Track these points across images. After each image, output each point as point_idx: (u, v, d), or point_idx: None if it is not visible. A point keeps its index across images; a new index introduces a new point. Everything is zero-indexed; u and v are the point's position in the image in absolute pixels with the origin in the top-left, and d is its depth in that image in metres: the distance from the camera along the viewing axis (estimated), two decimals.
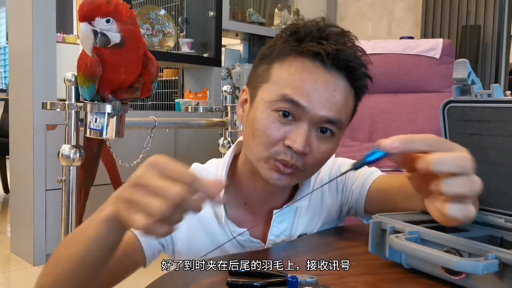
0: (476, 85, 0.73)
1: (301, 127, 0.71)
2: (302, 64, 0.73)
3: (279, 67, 0.74)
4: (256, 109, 0.75)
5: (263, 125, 0.72)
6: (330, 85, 0.73)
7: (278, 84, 0.73)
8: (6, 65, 6.43)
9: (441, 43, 2.49)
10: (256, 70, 0.79)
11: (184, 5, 3.27)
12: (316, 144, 0.73)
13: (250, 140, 0.75)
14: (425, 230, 0.63)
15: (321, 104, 0.71)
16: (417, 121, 2.39)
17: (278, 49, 0.75)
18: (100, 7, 1.04)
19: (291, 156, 0.72)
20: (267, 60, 0.77)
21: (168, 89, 3.42)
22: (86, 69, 1.14)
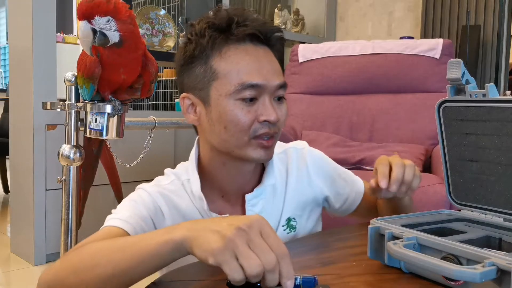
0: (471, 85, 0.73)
1: (265, 101, 0.79)
2: (238, 50, 0.80)
3: (219, 61, 0.79)
4: (218, 105, 0.79)
5: (234, 115, 0.78)
6: (267, 57, 0.82)
7: (229, 76, 0.78)
8: (6, 65, 6.43)
9: (441, 43, 2.49)
10: (191, 74, 0.82)
11: (184, 5, 3.27)
12: (278, 109, 0.81)
13: (224, 135, 0.80)
14: (423, 236, 0.63)
15: (271, 76, 0.80)
16: (417, 121, 2.39)
17: (209, 46, 0.80)
18: (100, 5, 1.04)
19: (269, 127, 0.79)
20: (200, 60, 0.81)
21: (168, 89, 3.42)
22: (86, 70, 1.14)
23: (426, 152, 2.26)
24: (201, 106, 0.82)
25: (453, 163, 0.79)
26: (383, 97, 2.53)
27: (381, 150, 2.26)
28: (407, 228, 0.66)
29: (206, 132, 0.84)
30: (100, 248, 0.65)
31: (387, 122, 2.47)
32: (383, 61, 2.52)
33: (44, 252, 2.35)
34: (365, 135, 2.49)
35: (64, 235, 1.29)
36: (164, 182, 0.87)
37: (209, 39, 0.80)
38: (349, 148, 2.30)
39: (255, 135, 0.79)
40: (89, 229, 2.70)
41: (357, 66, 2.55)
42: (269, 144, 0.81)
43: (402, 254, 0.59)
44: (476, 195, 0.76)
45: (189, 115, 0.85)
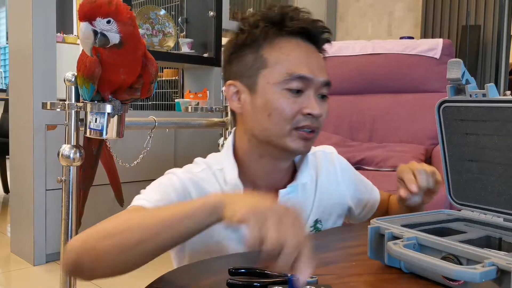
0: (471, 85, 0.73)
1: (310, 96, 0.82)
2: (289, 42, 0.83)
3: (270, 51, 0.82)
4: (264, 93, 0.82)
5: (279, 103, 0.81)
6: (315, 53, 0.86)
7: (279, 65, 0.81)
8: (6, 65, 6.44)
9: (441, 43, 2.49)
10: (241, 61, 0.85)
11: (184, 5, 3.26)
12: (321, 106, 0.83)
13: (266, 123, 0.82)
14: (423, 236, 0.63)
15: (318, 71, 0.83)
16: (417, 121, 2.39)
17: (261, 36, 0.83)
18: (102, 7, 1.04)
19: (311, 120, 0.82)
20: (251, 49, 0.84)
21: (168, 89, 3.42)
22: (85, 70, 1.14)
23: (426, 152, 2.26)
24: (246, 94, 0.85)
25: (453, 163, 0.79)
26: (383, 97, 2.53)
27: (381, 150, 2.26)
28: (407, 228, 0.66)
29: (247, 119, 0.85)
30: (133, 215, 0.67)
31: (387, 122, 2.47)
32: (383, 61, 2.52)
33: (44, 252, 2.35)
34: (365, 135, 2.49)
35: (64, 235, 1.29)
36: (195, 169, 0.87)
37: (262, 29, 0.83)
38: (349, 148, 2.30)
39: (297, 126, 0.81)
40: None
41: (357, 66, 2.54)
42: (309, 136, 0.83)
43: (402, 254, 0.59)
44: (476, 195, 0.76)
45: (232, 103, 0.87)
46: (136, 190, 0.86)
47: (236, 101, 0.86)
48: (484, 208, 0.75)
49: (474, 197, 0.76)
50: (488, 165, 0.73)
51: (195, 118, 1.89)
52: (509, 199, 0.71)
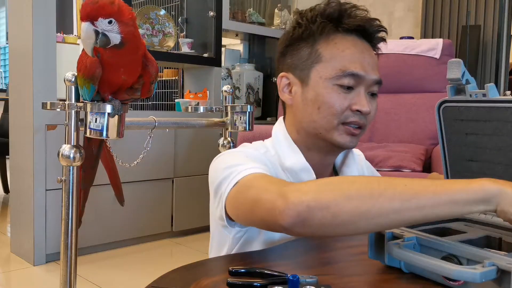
0: (471, 85, 0.73)
1: (361, 93, 0.84)
2: (345, 39, 0.85)
3: (326, 46, 0.85)
4: (317, 87, 0.84)
5: (330, 97, 0.83)
6: (369, 52, 0.87)
7: (333, 62, 0.83)
8: (6, 65, 6.43)
9: (441, 43, 2.49)
10: (295, 54, 0.87)
11: (184, 5, 3.26)
12: (371, 104, 0.86)
13: (315, 115, 0.84)
14: (423, 236, 0.63)
15: (371, 70, 0.85)
16: (417, 121, 2.39)
17: (318, 31, 0.85)
18: (104, 7, 1.04)
19: (359, 117, 0.84)
20: (306, 43, 0.86)
21: (168, 89, 3.42)
22: (86, 70, 1.14)
23: (426, 152, 2.26)
24: (297, 86, 0.87)
25: (453, 163, 0.79)
26: (383, 97, 2.53)
27: (381, 150, 2.26)
28: (407, 228, 0.66)
29: (297, 111, 0.88)
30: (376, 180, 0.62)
31: (387, 122, 2.47)
32: (383, 61, 2.51)
33: (44, 252, 2.35)
34: (365, 135, 2.48)
35: (64, 235, 1.29)
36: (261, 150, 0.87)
37: (319, 25, 0.85)
38: None
39: (345, 121, 0.83)
40: (90, 229, 2.69)
41: None
42: (356, 132, 0.85)
43: (402, 254, 0.60)
44: None
45: (283, 94, 0.90)
46: (136, 190, 0.86)
47: (287, 93, 0.89)
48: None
49: None
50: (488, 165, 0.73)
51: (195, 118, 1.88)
52: None
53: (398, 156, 2.15)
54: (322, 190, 0.61)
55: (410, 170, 2.08)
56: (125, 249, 2.63)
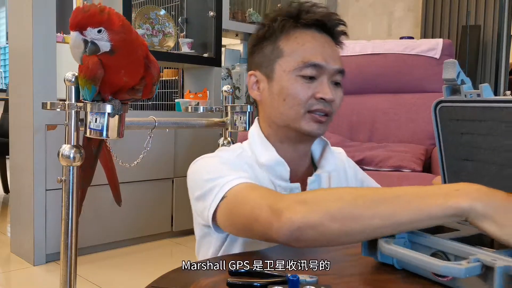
0: (466, 85, 0.73)
1: (324, 81, 0.87)
2: (304, 34, 0.89)
3: (286, 42, 0.89)
4: (281, 80, 0.88)
5: (294, 88, 0.87)
6: (330, 44, 0.91)
7: (294, 55, 0.88)
8: (6, 65, 6.43)
9: (441, 43, 2.49)
10: (260, 53, 0.92)
11: (184, 5, 3.26)
12: (334, 92, 0.89)
13: (282, 108, 0.89)
14: (414, 233, 0.64)
15: (332, 60, 0.88)
16: (417, 121, 2.39)
17: (278, 29, 0.90)
18: (94, 17, 1.04)
19: (324, 104, 0.87)
20: (269, 41, 0.91)
21: (168, 89, 3.42)
22: (88, 71, 1.14)
23: (426, 152, 2.26)
24: (264, 82, 0.92)
25: (449, 162, 0.80)
26: (383, 97, 2.53)
27: (381, 150, 2.26)
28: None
29: (266, 106, 0.92)
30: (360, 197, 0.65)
31: (387, 122, 2.47)
32: (383, 61, 2.52)
33: (44, 252, 2.35)
34: (365, 135, 2.49)
35: (64, 235, 1.29)
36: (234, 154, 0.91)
37: (280, 23, 0.89)
38: (349, 148, 2.29)
39: (310, 109, 0.87)
40: (90, 229, 2.69)
41: (357, 66, 2.54)
42: (323, 119, 0.88)
43: (392, 251, 0.61)
44: None
45: (253, 91, 0.94)
46: (136, 190, 0.86)
47: (256, 90, 0.93)
48: None
49: None
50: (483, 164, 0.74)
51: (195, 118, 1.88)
52: None
53: (398, 156, 2.15)
54: (310, 210, 0.66)
55: (410, 170, 2.08)
56: (125, 249, 2.63)
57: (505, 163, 0.70)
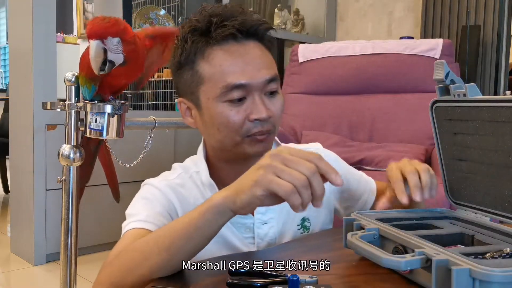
0: (455, 85, 0.74)
1: (255, 99, 0.78)
2: (221, 50, 0.78)
3: (203, 65, 0.79)
4: (208, 109, 0.80)
5: (224, 117, 0.78)
6: (253, 52, 0.79)
7: (214, 79, 0.78)
8: (6, 65, 6.43)
9: (441, 43, 2.49)
10: (181, 80, 0.83)
11: (184, 5, 3.26)
12: (271, 104, 0.80)
13: (218, 136, 0.81)
14: (384, 227, 0.66)
15: (257, 72, 0.78)
16: (417, 121, 2.39)
17: (192, 50, 0.79)
18: (114, 26, 1.06)
19: (261, 124, 0.79)
20: (187, 67, 0.81)
21: (168, 89, 3.42)
22: (88, 71, 1.15)
23: (426, 152, 2.26)
24: (195, 110, 0.84)
25: (446, 162, 0.80)
26: (383, 97, 2.53)
27: (381, 150, 2.26)
28: (378, 222, 0.69)
29: (203, 134, 0.86)
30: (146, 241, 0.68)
31: (387, 122, 2.47)
32: (383, 61, 2.52)
33: (44, 252, 2.35)
34: (365, 135, 2.49)
35: (64, 235, 1.29)
36: (171, 176, 0.87)
37: (191, 44, 0.79)
38: (349, 148, 2.30)
39: (248, 134, 0.79)
40: (90, 229, 2.68)
41: (357, 66, 2.54)
42: (264, 138, 0.80)
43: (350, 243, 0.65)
44: (468, 194, 0.77)
45: (187, 118, 0.86)
46: (136, 190, 0.86)
47: (189, 117, 0.86)
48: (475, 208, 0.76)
49: (466, 196, 0.77)
50: (474, 164, 0.74)
51: None
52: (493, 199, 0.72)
53: (398, 156, 2.15)
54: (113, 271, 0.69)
55: None
56: None
57: (492, 163, 0.70)
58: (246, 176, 0.63)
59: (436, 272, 0.53)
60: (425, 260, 0.55)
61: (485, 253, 0.59)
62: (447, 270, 0.52)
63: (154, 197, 0.82)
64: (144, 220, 0.77)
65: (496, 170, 0.70)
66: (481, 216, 0.73)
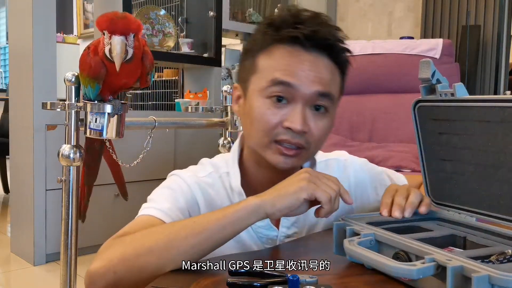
0: (441, 84, 0.73)
1: (296, 107, 0.75)
2: (284, 50, 0.77)
3: (263, 57, 0.78)
4: (251, 100, 0.79)
5: (260, 112, 0.76)
6: (314, 64, 0.76)
7: (265, 72, 0.77)
8: (6, 65, 6.43)
9: (441, 43, 2.49)
10: (242, 65, 0.84)
11: (184, 5, 3.26)
12: (313, 122, 0.77)
13: (250, 130, 0.80)
14: (380, 232, 0.64)
15: (310, 81, 0.75)
16: None
17: (259, 41, 0.79)
18: (134, 22, 1.10)
19: (292, 135, 0.75)
20: (250, 54, 0.81)
21: (168, 89, 3.42)
22: (90, 70, 1.16)
23: None
24: (242, 98, 0.83)
25: (429, 162, 0.79)
26: (383, 97, 2.53)
27: (381, 150, 2.26)
28: (369, 225, 0.67)
29: (242, 125, 0.86)
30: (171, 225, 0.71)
31: (387, 122, 2.47)
32: (383, 61, 2.52)
33: (44, 252, 2.35)
34: (365, 135, 2.49)
35: (64, 235, 1.29)
36: (201, 174, 0.85)
37: (262, 36, 0.80)
38: (349, 148, 2.29)
39: (275, 139, 0.76)
40: (90, 229, 2.67)
41: (357, 66, 2.52)
42: (290, 153, 0.76)
43: (350, 251, 0.62)
44: (451, 195, 0.76)
45: (234, 105, 0.86)
46: (136, 190, 0.86)
47: (237, 105, 0.85)
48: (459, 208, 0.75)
49: (449, 197, 0.76)
50: (460, 164, 0.73)
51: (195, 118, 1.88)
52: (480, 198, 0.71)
53: (398, 156, 2.15)
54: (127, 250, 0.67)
55: (410, 170, 2.08)
56: None
57: (481, 163, 0.69)
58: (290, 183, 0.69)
59: (453, 280, 0.51)
60: (436, 267, 0.53)
61: (487, 256, 0.58)
62: (462, 277, 0.51)
63: (180, 190, 0.81)
64: (163, 211, 0.76)
65: (485, 170, 0.69)
66: (466, 216, 0.73)
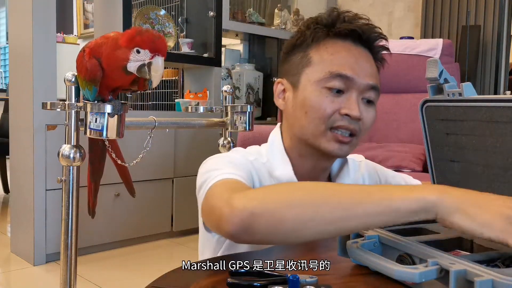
0: (449, 84, 0.72)
1: (352, 96, 0.81)
2: (336, 44, 0.83)
3: (316, 51, 0.84)
4: (305, 91, 0.83)
5: (317, 101, 0.81)
6: (365, 58, 0.84)
7: (322, 64, 0.82)
8: (6, 65, 6.43)
9: (441, 43, 2.49)
10: (290, 60, 0.88)
11: (184, 5, 3.26)
12: (364, 110, 0.83)
13: (303, 121, 0.83)
14: (385, 234, 0.63)
15: (364, 74, 0.82)
16: (417, 121, 2.38)
17: (310, 37, 0.85)
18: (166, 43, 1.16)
19: (349, 121, 0.80)
20: (300, 49, 0.86)
21: (168, 89, 3.42)
22: (87, 73, 1.17)
23: None
24: (290, 92, 0.87)
25: (437, 163, 0.78)
26: (383, 97, 2.52)
27: (381, 150, 2.26)
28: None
29: (289, 117, 0.87)
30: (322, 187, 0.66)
31: (387, 122, 2.47)
32: None
33: (44, 252, 2.35)
34: (365, 135, 2.49)
35: (64, 235, 1.29)
36: (250, 157, 0.85)
37: (312, 31, 0.85)
38: None
39: (332, 126, 0.80)
40: (90, 229, 2.68)
41: None
42: (345, 140, 0.81)
43: (354, 253, 0.61)
44: None
45: (278, 100, 0.90)
46: (136, 190, 0.86)
47: (282, 99, 0.89)
48: None
49: None
50: (468, 165, 0.72)
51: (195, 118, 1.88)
52: None
53: (398, 156, 2.15)
54: (268, 197, 0.63)
55: (410, 170, 2.08)
56: (125, 249, 2.63)
57: (490, 164, 0.68)
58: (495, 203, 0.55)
59: (456, 284, 0.50)
60: (440, 270, 0.52)
61: (493, 259, 0.57)
62: (465, 281, 0.50)
63: (239, 162, 0.80)
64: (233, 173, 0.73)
65: (494, 171, 0.68)
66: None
